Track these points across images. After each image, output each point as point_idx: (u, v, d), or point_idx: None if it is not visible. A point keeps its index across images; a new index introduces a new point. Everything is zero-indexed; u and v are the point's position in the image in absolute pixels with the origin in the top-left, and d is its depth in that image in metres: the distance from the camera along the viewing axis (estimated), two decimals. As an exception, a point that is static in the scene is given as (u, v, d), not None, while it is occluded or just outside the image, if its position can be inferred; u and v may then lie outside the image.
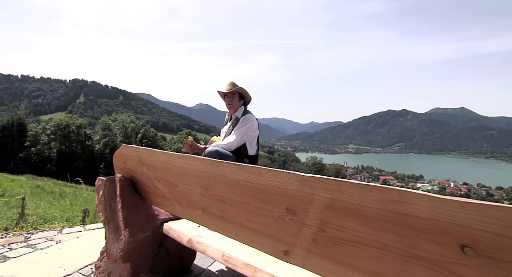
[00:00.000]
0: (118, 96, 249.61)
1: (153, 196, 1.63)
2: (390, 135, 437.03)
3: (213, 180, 1.16)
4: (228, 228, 1.21)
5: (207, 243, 1.48)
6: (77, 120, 45.28)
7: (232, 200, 1.12)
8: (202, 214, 1.31)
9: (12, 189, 12.37)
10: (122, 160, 1.74)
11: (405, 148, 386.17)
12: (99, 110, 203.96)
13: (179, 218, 1.89)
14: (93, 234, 2.63)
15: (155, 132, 54.64)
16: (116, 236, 1.62)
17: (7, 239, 2.42)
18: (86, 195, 16.74)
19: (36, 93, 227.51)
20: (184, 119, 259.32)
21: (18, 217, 4.23)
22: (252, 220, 1.07)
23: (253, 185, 1.00)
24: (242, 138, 2.22)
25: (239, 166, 1.02)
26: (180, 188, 1.37)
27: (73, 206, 12.34)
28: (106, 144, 45.05)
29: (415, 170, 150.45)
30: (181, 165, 1.29)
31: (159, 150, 1.41)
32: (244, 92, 2.34)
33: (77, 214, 9.23)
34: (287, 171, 0.89)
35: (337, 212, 0.80)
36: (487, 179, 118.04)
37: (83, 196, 16.40)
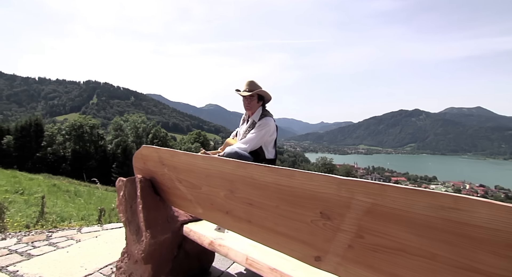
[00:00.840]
0: (130, 97, 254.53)
1: (173, 197, 1.61)
2: (402, 136, 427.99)
3: (240, 182, 1.13)
4: (254, 231, 1.18)
5: (230, 246, 1.46)
6: (91, 121, 46.41)
7: (260, 203, 1.08)
8: (226, 217, 1.29)
9: (30, 187, 12.78)
10: (142, 161, 1.73)
11: (417, 149, 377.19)
12: (111, 110, 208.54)
13: (199, 220, 1.87)
14: (111, 234, 2.65)
15: (166, 132, 55.41)
16: (137, 237, 1.61)
17: (30, 237, 2.47)
18: (100, 194, 17.13)
19: (52, 94, 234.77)
20: (194, 120, 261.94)
21: (38, 216, 4.34)
22: (281, 224, 1.04)
23: (284, 188, 0.97)
24: (257, 142, 2.16)
25: (269, 168, 0.99)
26: (203, 190, 1.35)
27: (88, 205, 12.63)
28: (118, 144, 45.98)
29: (428, 171, 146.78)
30: (206, 166, 1.26)
31: (182, 151, 1.39)
32: (264, 93, 2.28)
33: (92, 213, 9.44)
34: (323, 173, 0.85)
35: (379, 217, 0.76)
36: (506, 181, 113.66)
37: (97, 195, 16.80)
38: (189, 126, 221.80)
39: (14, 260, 1.98)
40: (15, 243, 2.31)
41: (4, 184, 11.72)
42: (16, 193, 10.44)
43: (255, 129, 2.18)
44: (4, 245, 2.25)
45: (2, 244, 2.29)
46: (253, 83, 2.24)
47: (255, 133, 2.15)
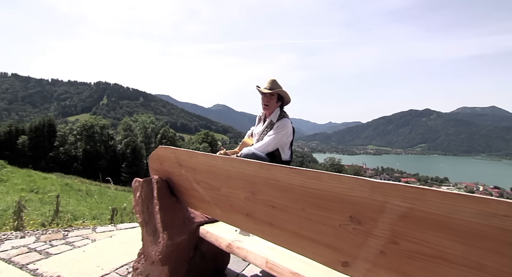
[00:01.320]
0: (139, 98, 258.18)
1: (191, 198, 1.60)
2: (412, 136, 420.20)
3: (262, 184, 1.10)
4: (276, 234, 1.15)
5: (249, 249, 1.43)
6: (101, 121, 47.29)
7: (284, 206, 1.06)
8: (246, 219, 1.26)
9: (44, 186, 13.09)
10: (159, 162, 1.72)
11: (428, 149, 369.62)
12: (121, 111, 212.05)
13: (215, 221, 1.85)
14: (125, 234, 2.66)
15: (174, 133, 55.95)
16: (154, 238, 1.61)
17: (47, 236, 2.50)
18: (111, 193, 17.42)
19: (64, 95, 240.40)
20: (202, 120, 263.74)
21: (53, 214, 4.43)
22: (306, 227, 1.00)
23: (311, 191, 0.93)
24: (275, 144, 2.14)
25: (295, 170, 0.96)
26: (222, 191, 1.33)
27: (99, 204, 12.85)
28: (127, 144, 46.70)
29: (439, 172, 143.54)
30: (226, 167, 1.24)
31: (201, 152, 1.38)
32: (284, 94, 2.23)
33: (103, 212, 9.58)
34: (354, 176, 0.82)
35: (416, 223, 0.71)
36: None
37: (107, 194, 17.09)
38: (197, 126, 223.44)
39: (34, 259, 2.01)
40: (34, 242, 2.34)
41: (20, 182, 12.05)
42: (31, 192, 10.72)
43: (274, 131, 2.14)
44: (23, 243, 2.29)
45: (22, 242, 2.33)
46: (275, 82, 2.21)
47: (273, 135, 2.12)
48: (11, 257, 2.01)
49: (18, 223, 3.01)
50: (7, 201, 8.42)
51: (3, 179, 12.00)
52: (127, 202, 11.42)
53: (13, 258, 2.00)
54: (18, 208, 3.05)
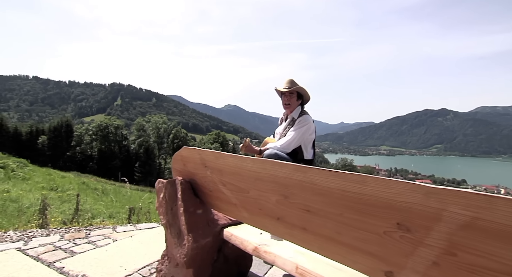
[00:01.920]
0: (151, 98, 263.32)
1: (215, 200, 1.57)
2: (427, 136, 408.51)
3: (296, 188, 1.06)
4: (309, 240, 1.10)
5: (277, 253, 1.39)
6: (115, 122, 48.48)
7: (319, 210, 1.01)
8: (276, 223, 1.22)
9: (63, 185, 13.52)
10: (182, 163, 1.71)
11: (444, 150, 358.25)
12: (134, 111, 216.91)
13: (238, 223, 1.82)
14: (145, 234, 2.68)
15: (186, 133, 56.65)
16: (179, 240, 1.59)
17: (71, 234, 2.55)
18: (125, 192, 17.79)
19: (81, 97, 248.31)
20: (213, 120, 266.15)
21: (73, 212, 4.54)
22: (344, 233, 0.95)
23: (352, 195, 0.88)
24: (298, 140, 2.10)
25: (335, 173, 0.91)
26: (251, 194, 1.29)
27: (114, 203, 13.14)
28: (140, 144, 47.65)
29: (456, 174, 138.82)
30: (256, 169, 1.20)
31: (229, 153, 1.35)
32: (303, 92, 2.21)
33: (119, 211, 9.77)
34: (405, 180, 0.76)
35: (481, 234, 0.65)
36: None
37: (122, 193, 17.46)
38: (208, 126, 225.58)
39: (60, 257, 2.05)
40: (59, 240, 2.39)
41: (41, 181, 12.51)
42: (51, 190, 11.09)
43: (295, 126, 2.11)
44: (49, 241, 2.34)
45: (48, 240, 2.38)
46: (293, 81, 2.19)
47: (295, 131, 2.09)
48: (38, 255, 2.05)
49: (42, 221, 3.09)
50: (29, 198, 8.75)
51: (26, 178, 12.48)
52: (141, 201, 11.62)
53: (41, 255, 2.05)
54: (42, 206, 3.13)
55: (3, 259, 1.94)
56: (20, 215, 5.22)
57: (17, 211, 6.14)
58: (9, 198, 7.09)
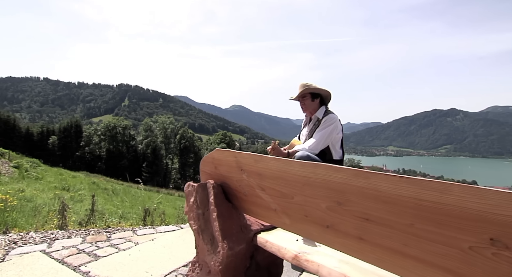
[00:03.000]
0: (158, 99, 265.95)
1: (251, 206, 1.50)
2: (435, 137, 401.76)
3: (355, 194, 0.97)
4: (365, 250, 1.01)
5: (320, 262, 1.30)
6: (123, 122, 49.08)
7: (383, 219, 0.92)
8: (324, 231, 1.13)
9: (74, 184, 13.69)
10: (213, 165, 1.64)
11: (454, 151, 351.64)
12: (141, 112, 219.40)
13: (271, 229, 1.74)
14: (166, 237, 2.62)
15: (193, 133, 56.98)
16: (212, 247, 1.52)
17: (92, 237, 2.51)
18: (134, 192, 17.94)
19: (89, 97, 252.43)
20: (219, 120, 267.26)
21: (89, 213, 4.53)
22: (413, 245, 0.86)
23: (429, 205, 0.79)
24: (326, 140, 2.02)
25: (408, 180, 0.82)
26: (295, 199, 1.21)
27: (124, 202, 13.22)
28: (148, 144, 48.12)
29: (466, 175, 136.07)
30: (305, 174, 1.12)
31: (272, 156, 1.27)
32: (317, 90, 2.14)
33: (129, 211, 9.79)
34: (502, 190, 0.67)
35: None
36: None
37: (131, 193, 17.59)
38: (214, 126, 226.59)
39: (84, 260, 2.00)
40: (81, 242, 2.36)
41: (53, 180, 12.69)
42: (63, 190, 11.22)
43: (321, 126, 2.03)
44: (72, 244, 2.31)
45: (70, 242, 2.34)
46: (304, 84, 2.13)
47: (322, 131, 2.00)
48: (63, 258, 2.01)
49: (62, 222, 3.07)
50: (43, 198, 8.85)
51: (39, 177, 12.67)
52: (150, 202, 11.66)
53: (66, 259, 2.01)
54: (62, 207, 3.11)
55: (30, 262, 1.91)
56: (37, 215, 5.25)
57: (33, 211, 6.20)
58: (24, 197, 7.18)
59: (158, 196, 18.00)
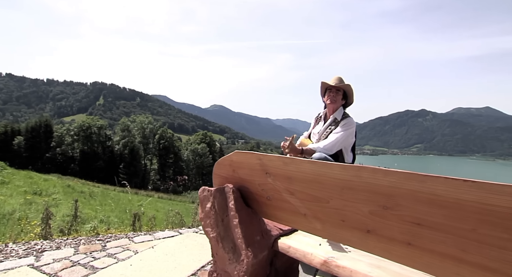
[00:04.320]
0: (135, 98, 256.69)
1: (275, 210, 1.43)
2: (408, 136, 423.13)
3: (405, 198, 0.94)
4: (413, 256, 0.98)
5: (352, 268, 1.26)
6: (98, 122, 46.77)
7: (438, 224, 0.89)
8: (364, 236, 1.09)
9: (47, 188, 12.79)
10: (231, 168, 1.55)
11: (424, 150, 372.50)
12: (117, 111, 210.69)
13: (289, 233, 1.68)
14: (167, 244, 2.48)
15: (172, 133, 55.53)
16: (235, 256, 1.43)
17: (86, 247, 2.30)
18: (113, 195, 17.09)
19: (60, 96, 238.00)
20: (199, 120, 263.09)
21: (71, 220, 4.22)
22: (473, 251, 0.84)
23: (496, 209, 0.77)
24: (341, 143, 1.99)
25: (473, 184, 0.79)
26: (331, 204, 1.16)
27: (103, 206, 12.56)
28: (125, 144, 46.25)
29: (436, 172, 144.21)
30: (346, 177, 1.07)
31: (306, 159, 1.21)
32: (350, 92, 2.11)
33: (108, 215, 9.33)
34: None
35: None
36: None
37: (110, 196, 16.77)
38: (194, 126, 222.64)
39: (81, 274, 1.82)
40: (74, 254, 2.15)
41: (22, 184, 11.75)
42: (35, 194, 10.43)
43: (340, 128, 1.99)
44: (63, 255, 2.10)
45: (61, 254, 2.13)
46: (341, 78, 2.08)
47: (341, 133, 1.97)
48: (56, 272, 1.82)
49: (46, 231, 2.81)
50: (12, 204, 8.15)
51: (5, 181, 11.68)
52: (131, 205, 11.19)
53: (59, 273, 1.81)
54: (46, 215, 2.85)
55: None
56: (8, 224, 4.81)
57: (2, 219, 5.67)
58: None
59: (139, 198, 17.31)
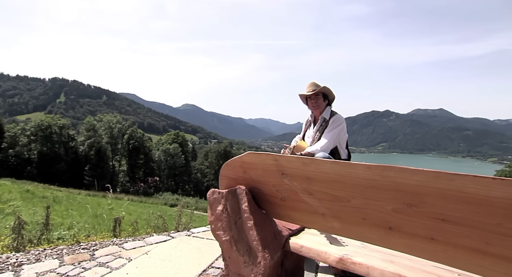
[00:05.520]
0: (102, 96, 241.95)
1: (289, 211, 1.43)
2: (374, 136, 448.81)
3: (432, 196, 0.98)
4: (436, 250, 1.04)
5: (369, 264, 1.30)
6: (60, 121, 43.36)
7: (463, 219, 0.95)
8: (385, 233, 1.13)
9: (1, 194, 11.55)
10: (242, 169, 1.52)
11: (388, 148, 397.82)
12: (81, 110, 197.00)
13: (297, 233, 1.69)
14: (161, 249, 2.36)
15: (143, 133, 53.23)
16: (250, 258, 1.40)
17: (72, 257, 2.11)
18: (80, 199, 15.98)
19: (12, 92, 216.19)
20: (170, 120, 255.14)
21: (42, 228, 3.87)
22: (497, 244, 0.91)
23: (521, 204, 0.84)
24: (335, 140, 2.06)
25: (502, 181, 0.85)
26: (352, 202, 1.18)
27: (69, 211, 11.72)
28: (91, 145, 43.45)
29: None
30: (371, 177, 1.10)
31: (328, 159, 1.22)
32: (327, 91, 2.20)
33: (78, 220, 8.72)
34: None
35: None
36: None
37: (77, 200, 15.66)
38: (165, 126, 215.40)
39: (73, 288, 1.67)
40: (59, 265, 1.96)
41: (-28, 191, 10.46)
42: (-13, 202, 9.36)
43: (331, 126, 2.07)
44: (48, 268, 1.90)
45: (44, 266, 1.93)
46: (315, 83, 2.18)
47: (332, 131, 2.04)
48: (44, 288, 1.65)
49: (18, 242, 2.53)
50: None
51: (-50, 188, 10.34)
52: (100, 209, 10.52)
53: (48, 289, 1.64)
54: (18, 224, 2.56)
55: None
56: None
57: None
58: None
59: (107, 201, 16.30)
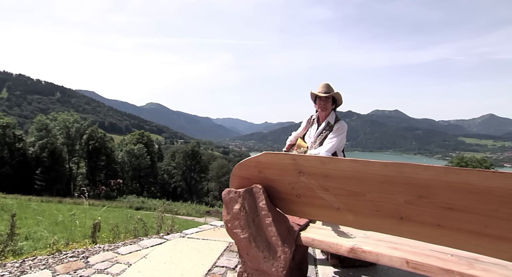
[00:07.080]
0: (55, 93, 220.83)
1: (303, 206, 1.52)
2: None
3: (441, 188, 1.14)
4: (441, 235, 1.21)
5: (378, 251, 1.44)
6: (3, 119, 38.77)
7: (467, 207, 1.12)
8: (396, 222, 1.28)
9: None
10: (257, 169, 1.58)
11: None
12: (30, 107, 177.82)
13: (305, 227, 1.80)
14: (159, 252, 2.30)
15: (104, 133, 49.81)
16: (270, 254, 1.47)
17: (66, 265, 1.96)
18: (35, 206, 14.58)
19: None
20: (134, 119, 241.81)
21: (6, 239, 3.52)
22: (493, 226, 1.09)
23: (515, 192, 1.03)
24: (337, 146, 2.19)
25: (501, 174, 1.03)
26: (367, 196, 1.32)
27: (23, 220, 10.65)
28: (43, 146, 39.50)
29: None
30: (387, 173, 1.23)
31: (346, 157, 1.33)
32: (338, 97, 2.30)
33: (35, 229, 8.00)
34: None
35: None
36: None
37: (31, 208, 14.26)
38: (128, 126, 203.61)
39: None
40: (53, 275, 1.81)
41: None
42: None
43: (335, 133, 2.19)
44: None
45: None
46: (329, 86, 2.27)
47: (337, 137, 2.17)
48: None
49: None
50: None
51: None
52: (61, 215, 9.72)
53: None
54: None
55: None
56: None
57: None
58: None
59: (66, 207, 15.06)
